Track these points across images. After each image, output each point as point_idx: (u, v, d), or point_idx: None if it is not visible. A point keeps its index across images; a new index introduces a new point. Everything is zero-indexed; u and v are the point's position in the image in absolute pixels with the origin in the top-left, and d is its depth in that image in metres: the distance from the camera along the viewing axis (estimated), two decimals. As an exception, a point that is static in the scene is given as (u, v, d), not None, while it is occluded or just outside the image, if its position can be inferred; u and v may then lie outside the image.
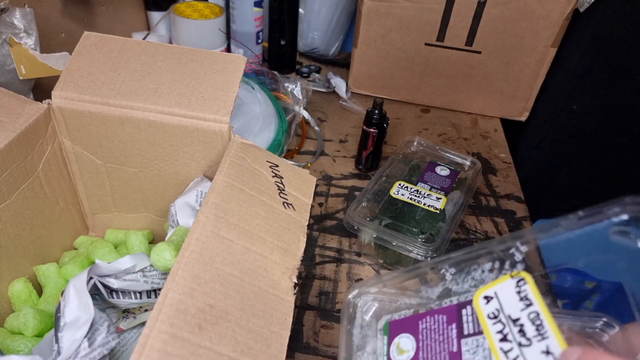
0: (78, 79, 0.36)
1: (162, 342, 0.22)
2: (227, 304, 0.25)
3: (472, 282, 0.25)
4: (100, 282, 0.30)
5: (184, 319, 0.23)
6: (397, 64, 0.69)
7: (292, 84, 0.64)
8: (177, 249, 0.31)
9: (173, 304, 0.23)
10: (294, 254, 0.30)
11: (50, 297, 0.36)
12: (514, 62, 0.65)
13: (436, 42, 0.65)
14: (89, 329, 0.27)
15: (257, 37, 0.73)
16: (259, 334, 0.25)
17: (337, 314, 0.43)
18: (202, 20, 0.67)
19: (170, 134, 0.36)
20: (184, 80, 0.36)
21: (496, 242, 0.24)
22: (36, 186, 0.36)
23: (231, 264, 0.27)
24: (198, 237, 0.27)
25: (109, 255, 0.38)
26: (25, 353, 0.32)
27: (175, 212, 0.35)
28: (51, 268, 0.37)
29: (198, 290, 0.25)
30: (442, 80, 0.69)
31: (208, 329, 0.24)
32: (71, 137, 0.38)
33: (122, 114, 0.36)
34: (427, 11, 0.63)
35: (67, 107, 0.36)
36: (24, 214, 0.36)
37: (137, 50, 0.38)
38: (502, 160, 0.64)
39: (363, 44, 0.68)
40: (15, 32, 0.43)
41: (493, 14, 0.61)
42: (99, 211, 0.44)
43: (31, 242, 0.37)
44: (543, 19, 0.60)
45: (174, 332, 0.23)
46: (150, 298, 0.32)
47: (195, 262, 0.25)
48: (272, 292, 0.27)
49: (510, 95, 0.69)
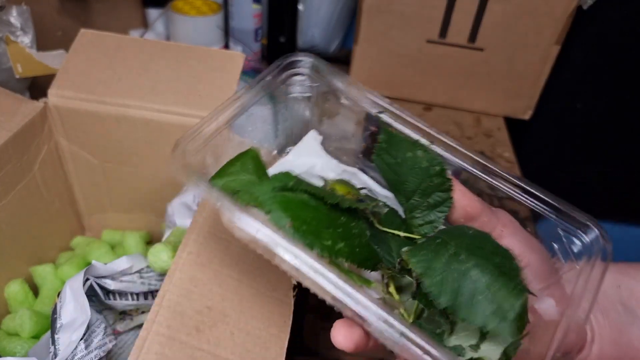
0: (74, 77, 0.36)
1: (159, 345, 0.22)
2: (225, 306, 0.25)
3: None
4: (97, 284, 0.30)
5: (182, 321, 0.23)
6: (398, 61, 0.68)
7: (292, 82, 0.63)
8: (174, 250, 0.31)
9: (170, 306, 0.23)
10: (294, 254, 0.29)
11: (47, 299, 0.36)
12: (517, 60, 0.64)
13: (438, 39, 0.65)
14: (86, 330, 0.27)
15: (255, 34, 0.72)
16: (258, 336, 0.25)
17: (337, 316, 0.43)
18: (200, 17, 0.66)
19: (167, 132, 0.36)
20: (182, 78, 0.36)
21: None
22: (32, 186, 0.36)
23: (229, 265, 0.26)
24: (195, 238, 0.26)
25: (106, 256, 0.38)
26: (21, 355, 0.32)
27: (172, 212, 0.35)
28: (47, 269, 0.37)
29: (196, 292, 0.24)
30: (444, 77, 0.69)
31: (206, 332, 0.23)
32: (67, 136, 0.38)
33: (118, 113, 0.35)
34: (428, 7, 0.62)
35: (63, 105, 0.35)
36: (20, 214, 0.35)
37: (134, 48, 0.37)
38: (505, 159, 0.64)
39: (364, 41, 0.67)
40: (12, 31, 0.43)
41: (496, 11, 0.61)
42: (95, 211, 0.43)
43: (27, 243, 0.37)
44: (546, 16, 0.60)
45: (171, 335, 0.22)
46: (147, 300, 0.32)
47: (192, 263, 0.25)
48: (271, 294, 0.27)
49: (514, 93, 0.68)
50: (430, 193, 0.23)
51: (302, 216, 0.21)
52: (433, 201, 0.23)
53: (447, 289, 0.19)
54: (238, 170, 0.23)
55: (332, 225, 0.21)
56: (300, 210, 0.21)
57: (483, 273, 0.19)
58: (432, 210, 0.24)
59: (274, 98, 0.27)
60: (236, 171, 0.23)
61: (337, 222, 0.22)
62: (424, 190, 0.23)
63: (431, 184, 0.23)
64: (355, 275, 0.22)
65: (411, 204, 0.24)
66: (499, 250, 0.21)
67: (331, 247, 0.21)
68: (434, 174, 0.23)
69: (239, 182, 0.22)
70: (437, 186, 0.23)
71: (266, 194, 0.21)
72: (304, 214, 0.21)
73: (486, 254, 0.20)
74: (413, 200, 0.24)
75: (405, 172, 0.24)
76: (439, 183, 0.23)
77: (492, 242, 0.21)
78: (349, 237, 0.21)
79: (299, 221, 0.20)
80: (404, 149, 0.24)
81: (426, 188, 0.23)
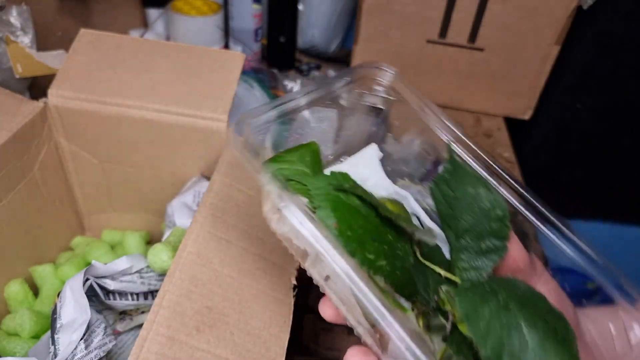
0: (74, 77, 0.36)
1: (159, 345, 0.22)
2: (225, 305, 0.25)
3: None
4: (97, 284, 0.30)
5: (182, 321, 0.23)
6: (398, 61, 0.68)
7: (292, 82, 0.63)
8: (174, 250, 0.31)
9: (170, 306, 0.23)
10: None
11: (47, 299, 0.36)
12: (517, 60, 0.64)
13: (438, 39, 0.65)
14: (86, 330, 0.27)
15: (255, 34, 0.72)
16: (258, 336, 0.24)
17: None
18: (200, 17, 0.66)
19: (167, 132, 0.36)
20: (182, 78, 0.36)
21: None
22: (32, 186, 0.36)
23: (229, 265, 0.26)
24: (195, 238, 0.26)
25: (106, 256, 0.38)
26: (21, 355, 0.32)
27: (172, 212, 0.35)
28: (47, 269, 0.37)
29: (195, 292, 0.24)
30: (444, 77, 0.69)
31: (206, 332, 0.23)
32: (67, 136, 0.38)
33: (119, 113, 0.35)
34: (428, 7, 0.62)
35: (63, 105, 0.35)
36: (20, 214, 0.35)
37: (134, 47, 0.37)
38: (505, 159, 0.64)
39: (364, 41, 0.67)
40: (12, 31, 0.43)
41: (496, 11, 0.61)
42: (95, 211, 0.43)
43: (27, 243, 0.37)
44: (546, 16, 0.60)
45: (171, 335, 0.22)
46: (147, 300, 0.32)
47: (192, 263, 0.25)
48: (271, 294, 0.27)
49: (514, 93, 0.68)
50: (484, 237, 0.21)
51: (350, 221, 0.20)
52: (485, 247, 0.21)
53: (492, 338, 0.17)
54: (295, 160, 0.22)
55: (379, 239, 0.20)
56: (349, 214, 0.20)
57: (534, 330, 0.18)
58: (482, 255, 0.21)
59: (344, 101, 0.26)
60: (293, 160, 0.22)
61: (384, 237, 0.20)
62: (478, 233, 0.21)
63: (488, 227, 0.21)
64: (391, 297, 0.20)
65: (460, 243, 0.22)
66: (553, 312, 0.19)
67: (373, 261, 0.19)
68: (494, 217, 0.21)
69: (293, 172, 0.22)
70: (494, 232, 0.21)
71: (319, 189, 0.20)
72: (352, 219, 0.20)
73: (539, 313, 0.18)
74: (463, 240, 0.22)
75: (462, 208, 0.22)
76: (496, 229, 0.21)
77: (546, 302, 0.20)
78: (392, 257, 0.20)
79: (345, 225, 0.19)
80: (466, 184, 0.22)
81: (481, 231, 0.21)
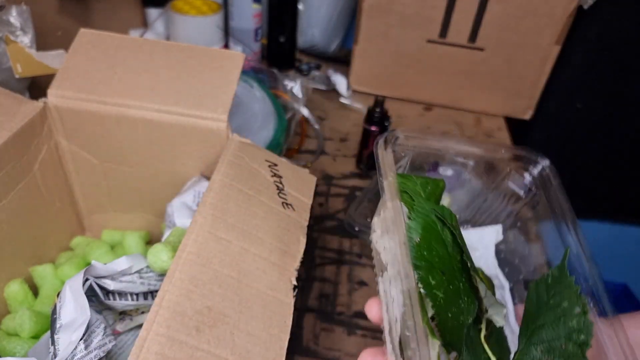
0: (74, 77, 0.36)
1: (159, 345, 0.22)
2: (225, 306, 0.24)
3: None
4: (97, 284, 0.30)
5: (182, 321, 0.23)
6: (398, 61, 0.68)
7: (292, 82, 0.63)
8: (174, 250, 0.31)
9: (170, 306, 0.23)
10: (294, 255, 0.29)
11: (46, 299, 0.36)
12: (517, 60, 0.64)
13: (438, 39, 0.65)
14: (85, 331, 0.27)
15: (255, 34, 0.72)
16: (258, 336, 0.24)
17: (337, 317, 0.43)
18: (199, 17, 0.66)
19: (167, 132, 0.36)
20: (182, 78, 0.36)
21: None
22: (32, 186, 0.36)
23: (229, 265, 0.26)
24: (195, 238, 0.26)
25: (106, 256, 0.38)
26: (21, 355, 0.32)
27: (172, 212, 0.35)
28: (47, 269, 0.37)
29: (195, 292, 0.24)
30: (444, 77, 0.69)
31: (206, 332, 0.23)
32: (67, 136, 0.37)
33: (118, 113, 0.35)
34: (429, 7, 0.62)
35: (63, 105, 0.35)
36: (20, 214, 0.35)
37: (133, 47, 0.37)
38: (504, 158, 0.64)
39: (364, 41, 0.67)
40: (12, 30, 0.43)
41: (496, 11, 0.61)
42: (95, 211, 0.43)
43: (27, 243, 0.37)
44: (547, 16, 0.60)
45: (171, 335, 0.22)
46: (147, 300, 0.32)
47: (192, 263, 0.25)
48: (271, 294, 0.26)
49: (514, 93, 0.68)
50: (556, 356, 0.20)
51: (431, 246, 0.20)
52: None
53: None
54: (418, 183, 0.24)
55: (448, 278, 0.20)
56: (434, 240, 0.21)
57: None
58: None
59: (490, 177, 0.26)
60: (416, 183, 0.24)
61: (454, 279, 0.20)
62: (552, 348, 0.21)
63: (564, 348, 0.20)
64: (430, 328, 0.20)
65: (529, 349, 0.21)
66: None
67: (431, 286, 0.19)
68: (574, 340, 0.20)
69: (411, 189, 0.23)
70: (568, 355, 0.20)
71: (423, 208, 0.21)
72: (436, 245, 0.21)
73: None
74: (533, 347, 0.21)
75: (548, 317, 0.21)
76: (572, 352, 0.20)
77: None
78: (452, 302, 0.20)
79: (426, 244, 0.20)
80: (564, 296, 0.21)
81: (556, 348, 0.20)
